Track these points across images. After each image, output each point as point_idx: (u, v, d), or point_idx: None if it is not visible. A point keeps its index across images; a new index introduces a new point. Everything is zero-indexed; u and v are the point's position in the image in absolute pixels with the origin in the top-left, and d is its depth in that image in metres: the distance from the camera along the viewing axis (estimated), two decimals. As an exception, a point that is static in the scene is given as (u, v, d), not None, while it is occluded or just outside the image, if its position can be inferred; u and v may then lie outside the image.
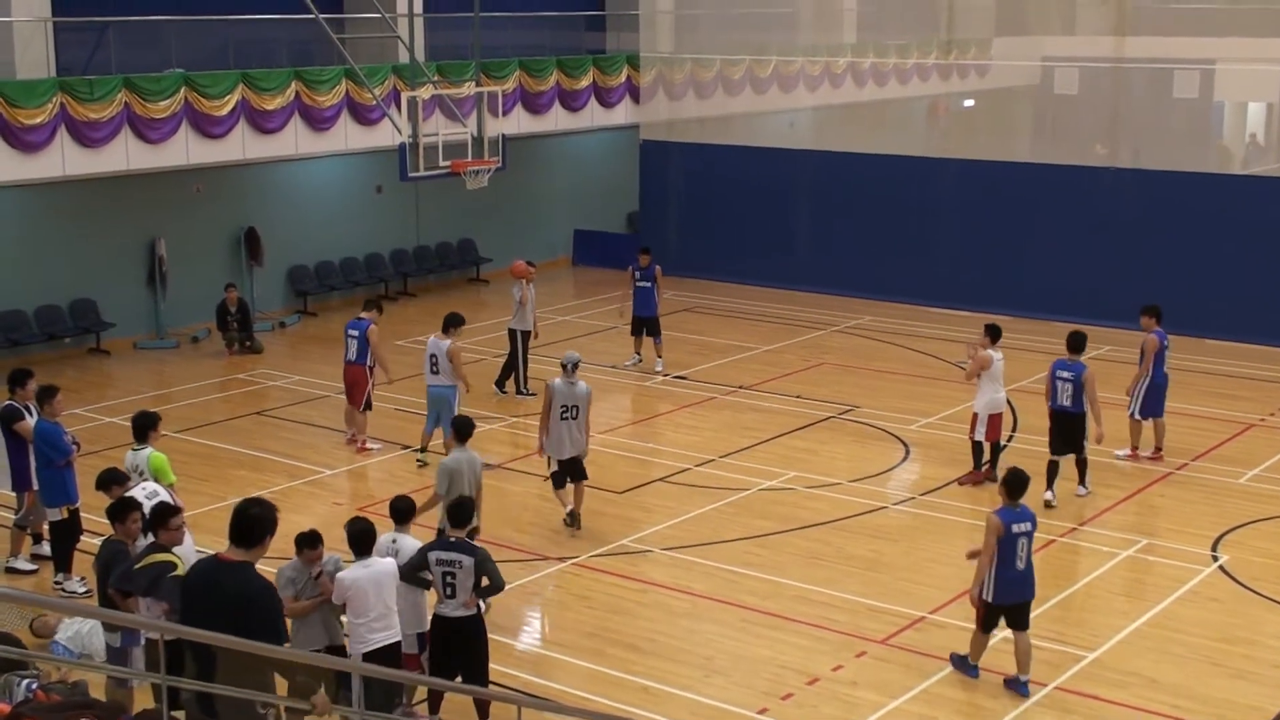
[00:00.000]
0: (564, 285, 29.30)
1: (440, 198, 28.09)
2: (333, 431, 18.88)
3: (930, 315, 26.08)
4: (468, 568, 10.56)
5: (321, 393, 20.90)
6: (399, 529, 11.08)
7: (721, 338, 24.35)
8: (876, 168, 27.67)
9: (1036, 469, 17.32)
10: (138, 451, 12.84)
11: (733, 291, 28.20)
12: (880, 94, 31.87)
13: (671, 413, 20.12)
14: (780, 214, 28.73)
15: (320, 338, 24.79)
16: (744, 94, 30.68)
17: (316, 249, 27.03)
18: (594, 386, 21.13)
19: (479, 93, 22.43)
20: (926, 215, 27.03)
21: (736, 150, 29.54)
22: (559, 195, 31.38)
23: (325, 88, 24.15)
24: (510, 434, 19.14)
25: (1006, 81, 31.42)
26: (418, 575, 10.71)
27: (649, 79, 30.29)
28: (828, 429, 19.09)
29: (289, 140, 23.89)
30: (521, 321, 20.60)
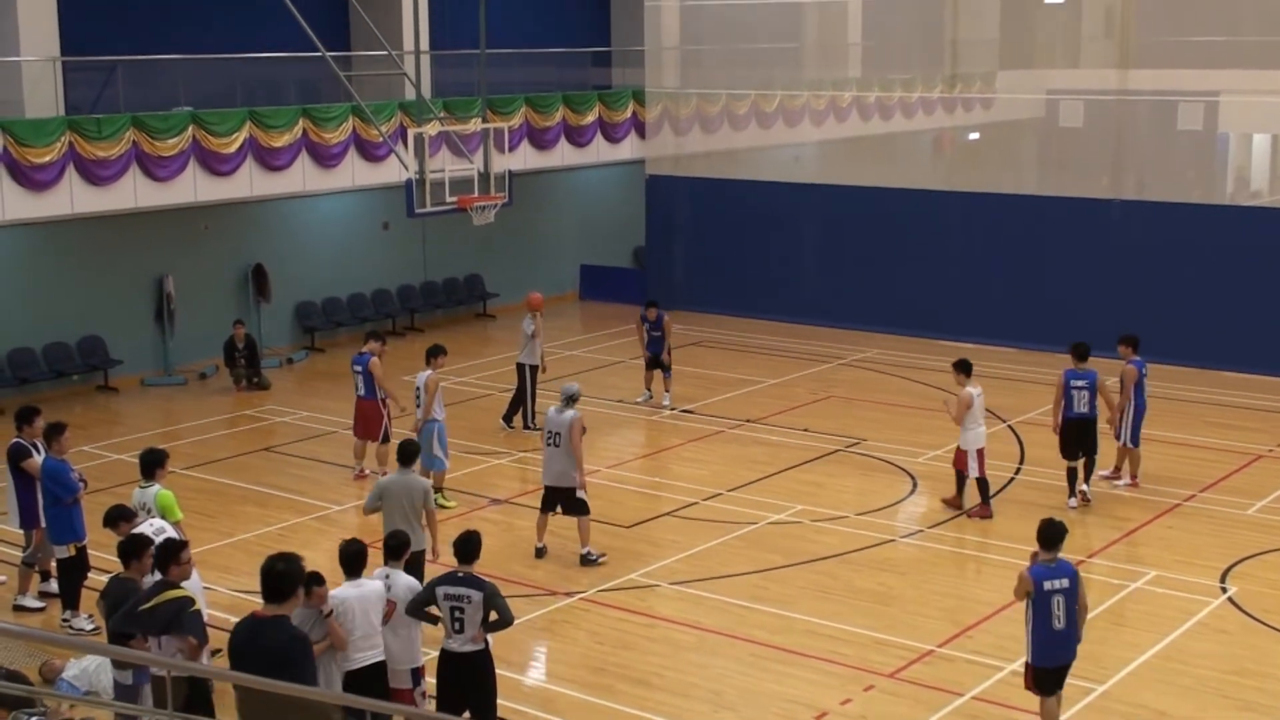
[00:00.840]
0: (571, 320, 29.36)
1: (447, 234, 28.19)
2: (340, 467, 18.90)
3: (937, 348, 26.07)
4: (476, 602, 10.55)
5: (329, 428, 20.93)
6: (391, 564, 11.00)
7: (728, 371, 24.37)
8: (882, 201, 27.75)
9: (1047, 501, 17.34)
10: (145, 488, 12.86)
11: (739, 325, 28.24)
12: (885, 128, 31.97)
13: (679, 446, 20.13)
14: (786, 248, 28.80)
15: (328, 374, 24.84)
16: (749, 128, 30.79)
17: (324, 285, 27.12)
18: (603, 421, 21.34)
19: (485, 129, 22.52)
20: (932, 248, 27.08)
21: (742, 184, 29.63)
22: (565, 230, 31.47)
23: (332, 125, 24.29)
24: (518, 469, 19.15)
25: (1011, 114, 31.50)
26: (424, 610, 10.68)
27: (654, 114, 30.42)
28: (835, 462, 19.08)
29: (296, 177, 24.01)
30: (530, 355, 20.65)
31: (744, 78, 31.11)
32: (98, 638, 12.85)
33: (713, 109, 30.63)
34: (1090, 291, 25.08)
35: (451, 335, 27.74)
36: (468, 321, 29.47)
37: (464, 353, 25.88)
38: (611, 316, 29.18)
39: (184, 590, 9.98)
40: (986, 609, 14.11)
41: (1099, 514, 17.09)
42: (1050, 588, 10.65)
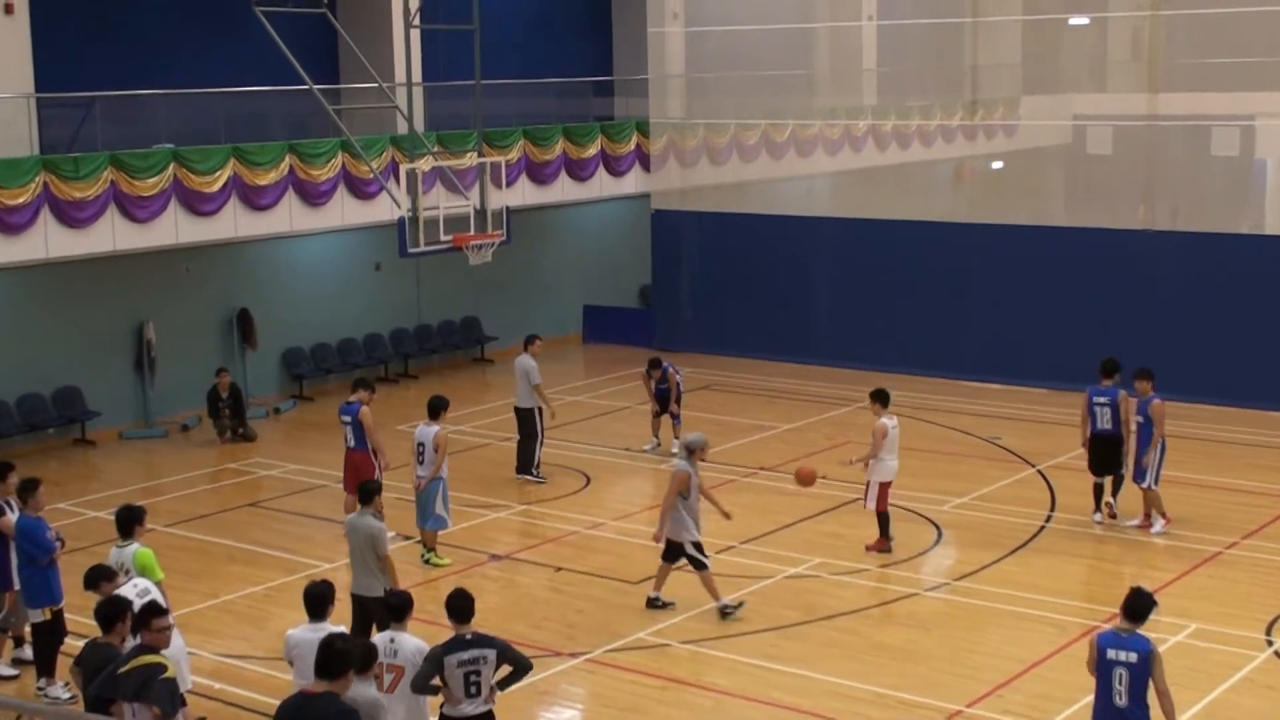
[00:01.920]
0: (574, 364, 29.38)
1: (442, 274, 28.26)
2: (331, 523, 18.86)
3: (961, 389, 26.08)
4: (492, 660, 10.48)
5: (319, 482, 20.92)
6: (396, 627, 10.93)
7: (740, 416, 24.36)
8: (900, 235, 27.80)
9: (1079, 550, 17.29)
10: (123, 547, 12.84)
11: (751, 367, 28.25)
12: (903, 157, 32.08)
13: (689, 497, 20.11)
14: (800, 285, 28.83)
15: (317, 424, 24.85)
16: (760, 160, 30.91)
17: (312, 330, 27.17)
18: (608, 470, 21.33)
19: (481, 163, 22.64)
20: (954, 284, 27.10)
21: (752, 219, 29.71)
22: (567, 269, 31.54)
23: (320, 161, 24.40)
24: (522, 522, 19.12)
25: (1036, 142, 31.61)
26: (429, 685, 10.55)
27: (660, 146, 30.54)
28: (854, 511, 19.01)
29: (283, 217, 24.10)
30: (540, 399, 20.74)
31: (753, 106, 31.25)
32: (75, 706, 12.80)
33: (721, 140, 30.75)
34: (1121, 327, 25.06)
35: (448, 381, 27.76)
36: (465, 367, 29.50)
37: (462, 400, 25.86)
38: (616, 359, 29.21)
39: (159, 657, 9.96)
40: (1018, 666, 14.04)
41: (1134, 564, 17.03)
42: (1114, 657, 10.32)
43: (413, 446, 17.32)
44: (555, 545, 18.02)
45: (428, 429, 17.12)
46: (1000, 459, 21.61)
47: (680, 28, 30.78)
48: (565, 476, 21.07)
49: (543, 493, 20.29)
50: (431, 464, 16.95)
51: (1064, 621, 15.20)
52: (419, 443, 17.12)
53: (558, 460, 21.74)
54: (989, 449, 22.20)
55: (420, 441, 17.10)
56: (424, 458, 17.06)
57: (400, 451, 20.38)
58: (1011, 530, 18.14)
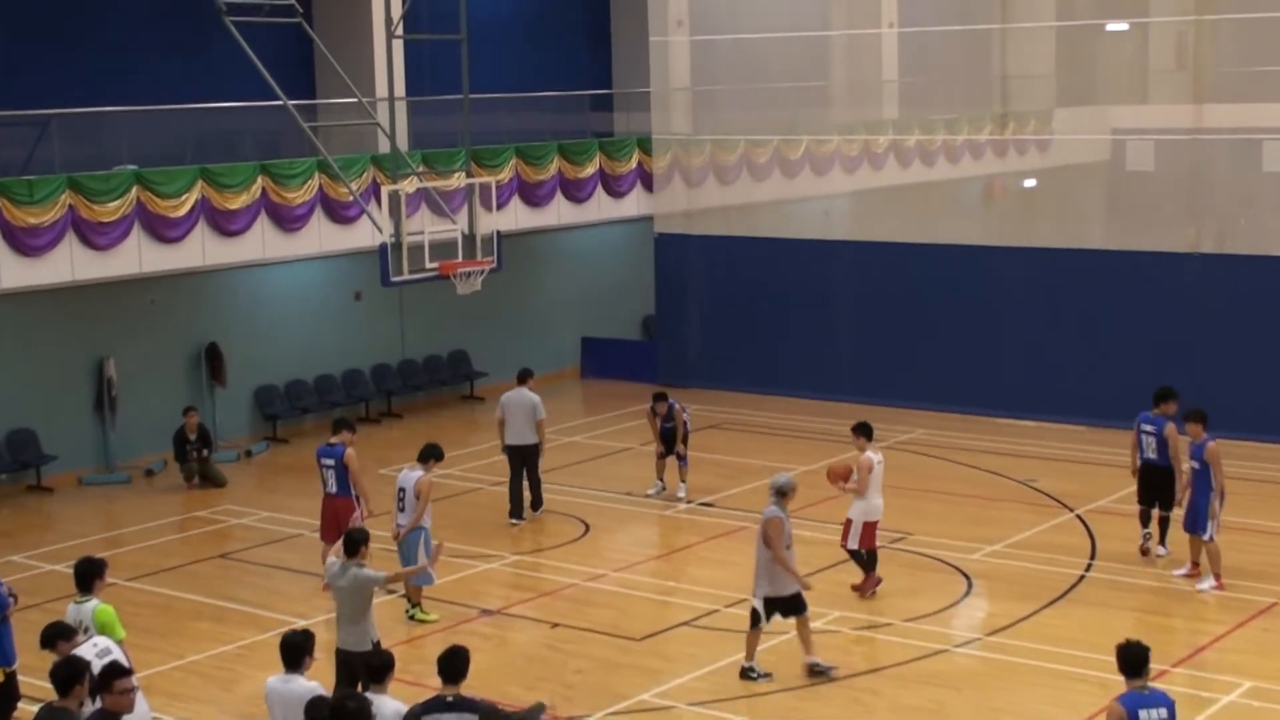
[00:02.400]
0: (571, 401, 29.40)
1: (428, 305, 28.32)
2: (308, 575, 18.85)
3: (993, 427, 26.08)
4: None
5: (294, 531, 20.93)
6: (375, 689, 10.95)
7: (752, 457, 24.36)
8: (925, 259, 27.84)
9: (1122, 602, 17.27)
10: (81, 604, 12.83)
11: (764, 404, 28.27)
12: (927, 175, 32.16)
13: (697, 545, 20.10)
14: (816, 314, 28.86)
15: (292, 468, 24.86)
16: (772, 179, 30.98)
17: (287, 366, 27.21)
18: (609, 517, 21.34)
19: (470, 184, 22.71)
20: (984, 312, 27.12)
21: (765, 243, 29.76)
22: (563, 299, 31.61)
23: (295, 183, 24.49)
24: (514, 574, 19.11)
25: (1072, 158, 31.70)
26: None
27: (663, 164, 30.64)
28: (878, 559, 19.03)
29: (255, 243, 24.17)
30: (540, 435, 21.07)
31: (765, 121, 31.35)
32: (28, 777, 12.78)
33: (729, 157, 30.84)
34: (1166, 359, 25.05)
35: (435, 421, 27.79)
36: (452, 405, 29.53)
37: (449, 440, 25.77)
38: (617, 396, 29.23)
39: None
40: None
41: (1183, 616, 17.01)
42: (1148, 718, 10.22)
43: (394, 492, 17.37)
44: (551, 599, 18.01)
45: (411, 474, 17.17)
46: (1036, 503, 21.60)
47: (685, 36, 30.90)
48: (562, 524, 21.07)
49: (538, 541, 20.29)
50: (413, 511, 16.98)
51: (1107, 680, 15.11)
52: (400, 488, 17.17)
53: (553, 506, 21.75)
54: (1024, 492, 22.19)
55: (401, 487, 17.16)
56: (404, 504, 17.10)
57: (382, 498, 20.37)
58: (1049, 580, 18.11)
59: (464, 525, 20.87)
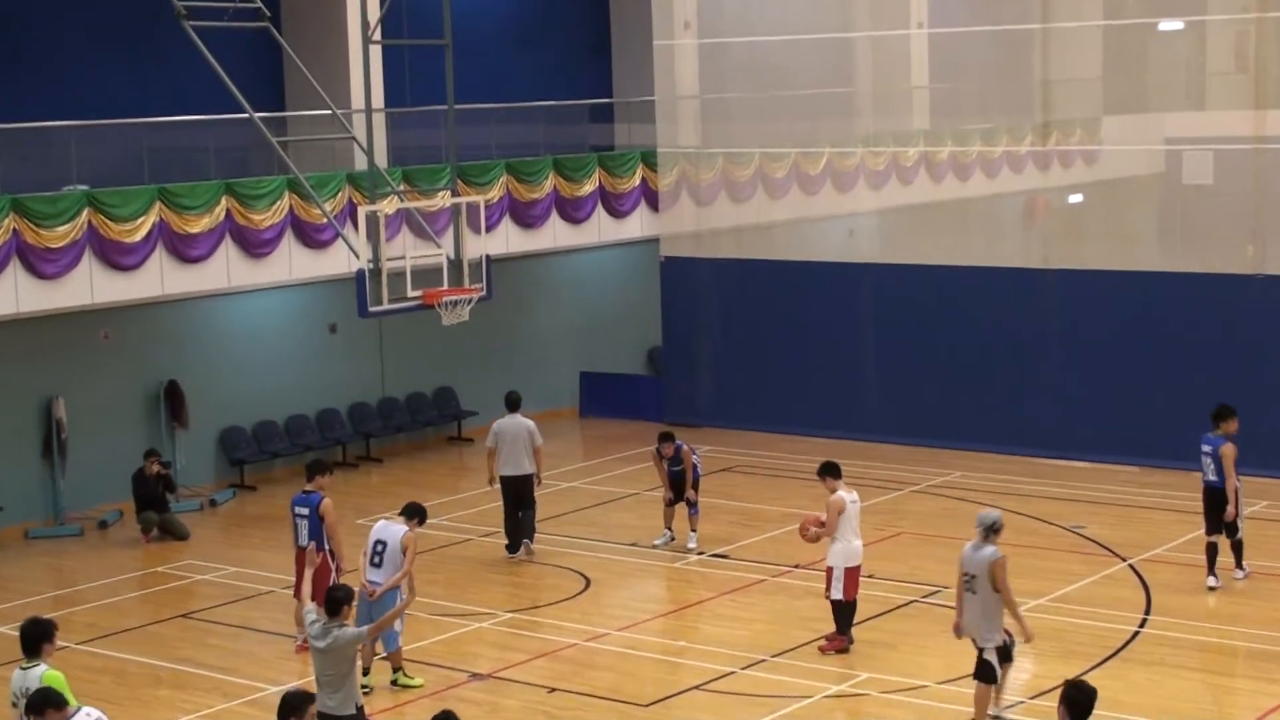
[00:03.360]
0: (570, 443, 29.42)
1: (410, 338, 28.39)
2: (278, 636, 18.88)
3: (1037, 468, 26.08)
4: None
5: (264, 587, 20.95)
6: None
7: (769, 503, 24.37)
8: (960, 284, 27.88)
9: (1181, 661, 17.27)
10: (28, 670, 12.82)
11: (782, 445, 28.27)
12: (962, 191, 32.18)
13: (709, 601, 20.12)
14: (840, 345, 28.88)
15: (261, 518, 24.90)
16: (790, 196, 31.04)
17: (255, 406, 27.25)
18: (611, 570, 21.36)
19: (456, 204, 22.78)
20: (1026, 342, 27.14)
21: (782, 267, 29.79)
22: (560, 330, 31.66)
23: (263, 204, 24.57)
24: (508, 633, 19.12)
25: (1122, 171, 31.71)
26: None
27: (670, 180, 30.72)
28: (909, 616, 19.04)
29: (219, 271, 24.25)
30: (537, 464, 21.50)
31: (782, 132, 31.42)
32: None
33: (743, 173, 30.93)
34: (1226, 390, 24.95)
35: (419, 466, 27.83)
36: (438, 448, 29.56)
37: (435, 487, 25.94)
38: (620, 437, 29.26)
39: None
40: (1108, 801, 14.02)
41: (1250, 675, 17.02)
42: None
43: (366, 544, 17.20)
44: (549, 661, 18.03)
45: (393, 526, 17.03)
46: (1085, 552, 21.62)
47: (693, 39, 31.02)
48: (560, 578, 21.11)
49: (533, 598, 20.31)
50: (397, 568, 16.79)
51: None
52: (377, 540, 17.00)
53: (551, 558, 21.80)
54: (1071, 540, 22.20)
55: (381, 539, 16.97)
56: (381, 559, 16.91)
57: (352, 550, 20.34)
58: (1099, 637, 18.13)
59: (453, 580, 20.90)
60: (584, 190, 29.58)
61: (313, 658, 13.79)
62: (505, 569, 21.59)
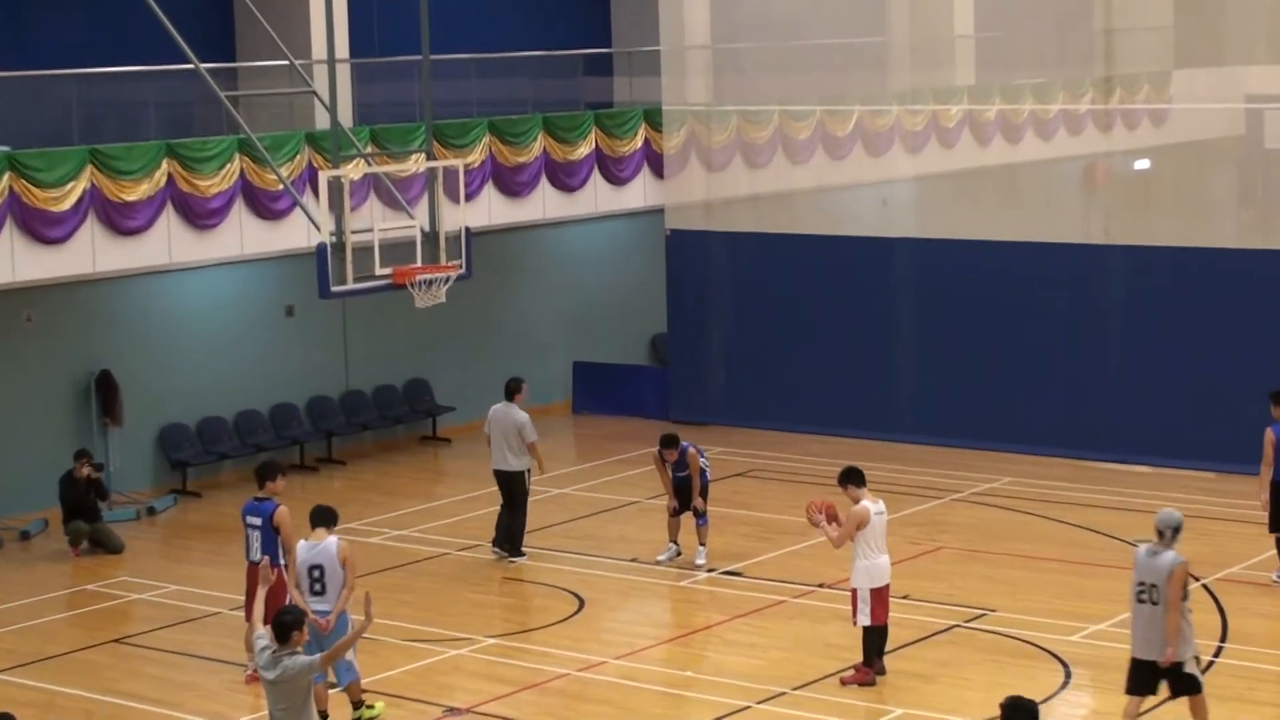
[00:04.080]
0: (562, 443, 29.37)
1: (378, 322, 28.39)
2: (226, 665, 18.89)
3: (1097, 473, 26.07)
4: None
5: (209, 608, 20.95)
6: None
7: (788, 513, 24.28)
8: (1010, 262, 27.82)
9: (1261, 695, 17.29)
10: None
11: (803, 446, 28.28)
12: (1012, 155, 32.18)
13: (720, 625, 20.13)
14: (871, 333, 28.84)
15: (206, 528, 24.90)
16: (814, 160, 31.01)
17: (200, 401, 27.22)
18: (608, 589, 21.38)
19: (431, 169, 22.79)
20: (1085, 328, 27.10)
21: (805, 242, 29.76)
22: (551, 314, 31.65)
23: (210, 168, 24.54)
24: (490, 661, 19.11)
25: (1195, 132, 31.72)
26: None
27: (676, 142, 30.67)
28: (950, 644, 19.05)
29: (159, 245, 24.22)
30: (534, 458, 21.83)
31: (805, 88, 31.39)
32: None
33: (760, 134, 30.90)
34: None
35: (388, 469, 27.82)
36: (410, 448, 29.56)
37: (406, 493, 25.95)
38: (618, 437, 29.27)
39: None
40: None
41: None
42: None
43: (298, 573, 16.83)
44: (536, 694, 18.03)
45: (320, 544, 16.71)
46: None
47: (704, -17, 31.04)
48: (550, 598, 21.13)
49: (520, 620, 20.33)
50: (343, 587, 16.64)
51: (1240, 793, 15.23)
52: (311, 565, 16.72)
53: (540, 575, 21.82)
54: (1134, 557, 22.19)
55: (315, 564, 16.71)
56: (324, 585, 16.76)
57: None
58: (1167, 668, 18.14)
59: (426, 600, 20.90)
60: (578, 153, 29.52)
61: (264, 690, 13.81)
62: (486, 587, 21.59)
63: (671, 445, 22.12)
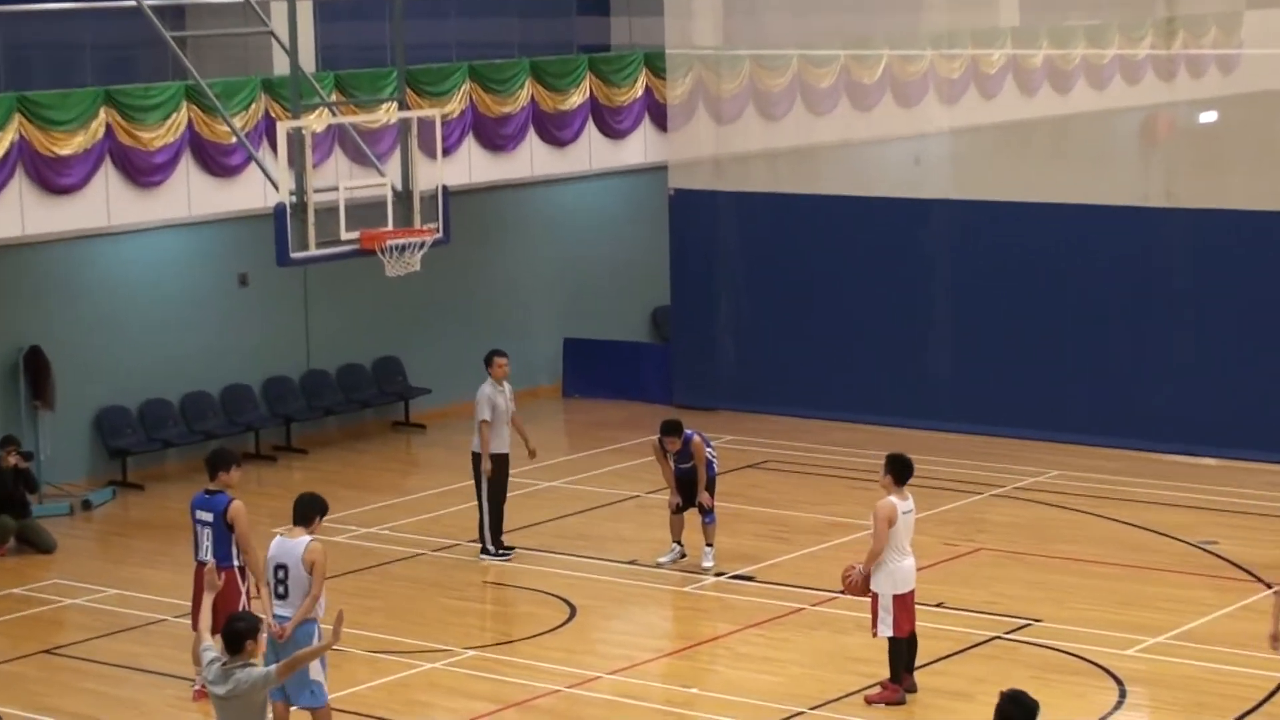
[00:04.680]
0: (552, 430, 29.33)
1: (344, 294, 28.36)
2: (171, 679, 18.88)
3: (1157, 466, 26.05)
4: None
5: (153, 615, 20.93)
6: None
7: (807, 510, 24.36)
8: (1058, 227, 27.80)
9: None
10: None
11: (824, 434, 28.30)
12: (1061, 107, 32.16)
13: (730, 636, 20.12)
14: (901, 305, 28.81)
15: (149, 524, 24.90)
16: (837, 111, 30.99)
17: (142, 381, 27.18)
18: (602, 595, 21.36)
19: (404, 120, 22.74)
20: (1145, 301, 27.06)
21: (826, 204, 29.71)
22: (539, 284, 31.63)
23: (154, 117, 24.48)
24: (467, 677, 19.10)
25: (1268, 81, 31.68)
26: None
27: (682, 91, 30.62)
28: (990, 657, 19.05)
29: (96, 205, 24.19)
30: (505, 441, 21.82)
31: (827, 29, 31.35)
32: None
33: (776, 81, 30.85)
34: None
35: (354, 459, 27.82)
36: (380, 435, 29.57)
37: (374, 486, 25.94)
38: (613, 423, 29.28)
39: None
40: None
41: None
42: None
43: (266, 570, 16.83)
44: (520, 712, 18.04)
45: (290, 542, 16.70)
46: (1217, 575, 21.59)
47: (713, -90, 31.02)
48: (537, 604, 21.12)
49: (503, 630, 20.31)
50: (303, 595, 16.55)
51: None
52: (279, 564, 16.65)
53: (524, 579, 21.80)
54: (1200, 560, 22.18)
55: (280, 563, 16.64)
56: (287, 588, 16.69)
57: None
58: (1236, 686, 18.10)
59: (397, 607, 20.88)
60: (570, 103, 29.49)
61: (213, 707, 13.77)
62: (464, 592, 21.59)
63: (674, 433, 22.04)
